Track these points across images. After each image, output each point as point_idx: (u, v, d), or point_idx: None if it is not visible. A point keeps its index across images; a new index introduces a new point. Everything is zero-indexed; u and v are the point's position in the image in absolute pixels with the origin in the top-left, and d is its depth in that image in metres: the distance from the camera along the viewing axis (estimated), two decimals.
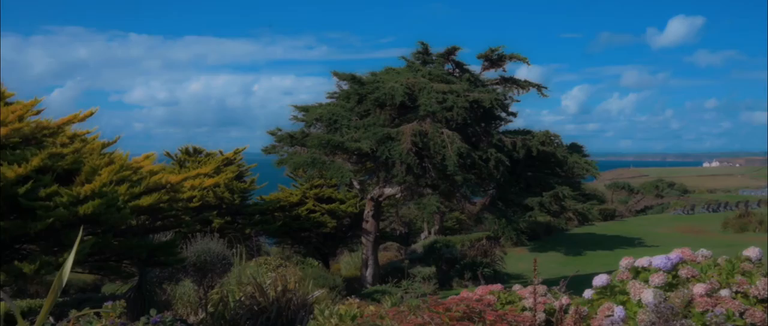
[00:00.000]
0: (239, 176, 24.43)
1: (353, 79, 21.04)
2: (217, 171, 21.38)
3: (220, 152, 24.72)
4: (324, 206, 25.86)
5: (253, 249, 16.25)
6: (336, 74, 21.77)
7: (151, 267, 11.09)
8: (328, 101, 22.87)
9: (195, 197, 18.50)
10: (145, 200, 10.50)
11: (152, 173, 11.03)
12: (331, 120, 20.82)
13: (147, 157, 11.85)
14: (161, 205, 11.25)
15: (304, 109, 22.37)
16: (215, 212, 21.44)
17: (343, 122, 20.65)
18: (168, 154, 24.85)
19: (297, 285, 10.00)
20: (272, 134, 22.14)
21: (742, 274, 5.21)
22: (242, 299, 9.35)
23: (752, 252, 5.41)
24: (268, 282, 9.82)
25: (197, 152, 24.69)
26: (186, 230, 13.68)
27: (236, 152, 24.76)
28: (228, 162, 23.83)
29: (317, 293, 10.23)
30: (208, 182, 14.18)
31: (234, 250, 12.07)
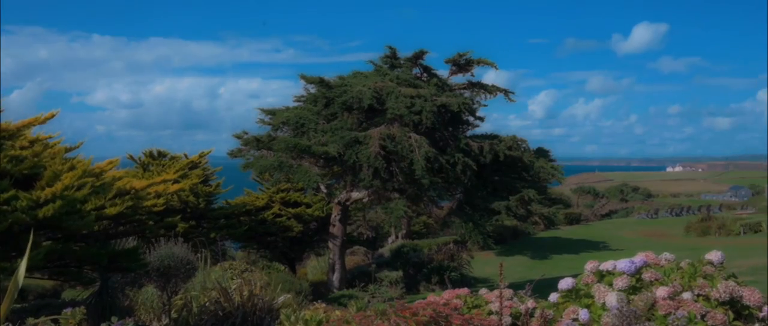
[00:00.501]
0: (204, 180, 24.15)
1: (321, 82, 20.97)
2: (183, 176, 21.12)
3: (185, 156, 24.40)
4: (290, 210, 25.69)
5: (218, 254, 16.07)
6: (303, 78, 21.68)
7: (113, 273, 10.88)
8: (296, 104, 22.76)
9: (159, 201, 18.24)
10: (112, 210, 10.32)
11: (116, 179, 10.83)
12: (298, 124, 20.72)
13: (110, 163, 11.63)
14: (125, 210, 11.05)
15: (271, 112, 22.23)
16: (179, 217, 21.14)
17: (310, 125, 20.57)
18: (131, 157, 24.44)
19: (263, 289, 9.90)
20: (238, 137, 21.96)
21: (704, 277, 5.27)
22: (207, 304, 9.21)
23: (714, 255, 5.48)
24: (234, 287, 9.71)
25: (161, 155, 24.33)
26: (150, 235, 13.47)
27: (201, 156, 24.47)
28: (193, 166, 23.54)
29: (283, 298, 10.13)
30: (174, 187, 14.00)
31: (199, 255, 11.89)
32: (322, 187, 22.31)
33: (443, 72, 23.20)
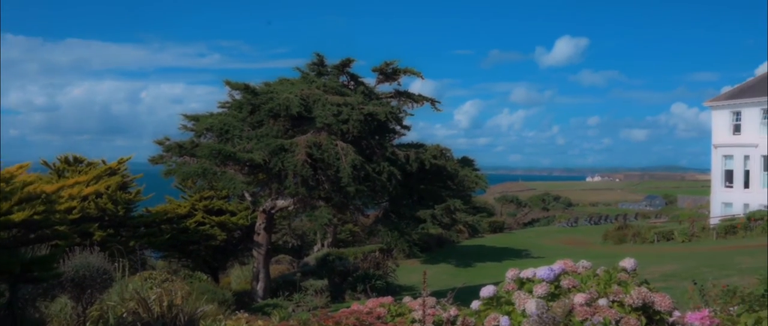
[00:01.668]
0: (124, 187, 23.41)
1: (247, 88, 20.70)
2: (98, 179, 20.41)
3: (103, 162, 23.58)
4: (214, 218, 25.25)
5: (137, 263, 15.59)
6: (229, 83, 21.35)
7: (24, 284, 10.39)
8: (220, 110, 22.38)
9: (74, 208, 17.57)
10: (18, 216, 9.83)
11: (26, 183, 10.34)
12: (223, 130, 20.38)
13: (20, 167, 11.12)
14: (36, 217, 10.56)
15: (195, 118, 21.78)
16: (97, 225, 20.42)
17: (235, 132, 20.26)
18: (45, 163, 23.39)
19: (184, 300, 9.69)
20: (160, 143, 21.41)
21: (619, 284, 5.45)
22: (124, 315, 8.95)
23: (628, 262, 5.67)
24: (153, 297, 9.47)
25: (78, 161, 23.42)
26: (64, 244, 12.93)
27: (121, 162, 23.70)
28: (111, 172, 22.78)
29: (205, 307, 9.94)
30: (88, 190, 13.50)
31: (117, 264, 11.52)
32: (247, 195, 22.01)
33: (370, 80, 23.29)
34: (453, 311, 6.21)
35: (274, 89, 20.91)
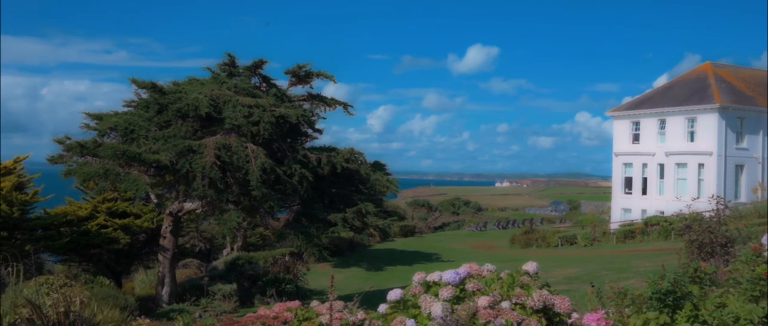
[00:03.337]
0: (20, 187, 22.28)
1: (154, 87, 20.12)
2: None
3: None
4: (117, 220, 24.40)
5: (32, 268, 14.86)
6: (135, 82, 20.69)
7: None
8: (126, 109, 21.65)
9: None
10: None
11: None
12: (128, 130, 19.71)
13: None
14: None
15: (98, 117, 20.96)
16: None
17: (140, 132, 19.63)
18: None
19: (83, 305, 9.31)
20: (60, 142, 20.47)
21: (521, 287, 5.56)
22: (17, 322, 8.47)
23: (530, 266, 5.80)
24: (49, 303, 9.04)
25: None
26: None
27: (17, 161, 22.57)
28: (6, 172, 21.65)
29: (105, 314, 9.58)
30: None
31: (10, 269, 10.97)
32: (153, 197, 21.38)
33: (283, 83, 23.12)
34: (360, 315, 6.20)
35: (183, 89, 20.42)
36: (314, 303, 6.82)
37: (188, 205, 20.75)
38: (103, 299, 13.52)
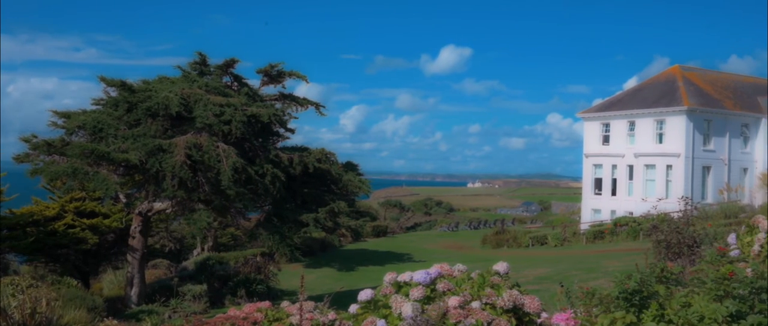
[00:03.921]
0: None
1: (123, 85, 19.87)
2: None
3: None
4: (85, 220, 24.03)
5: None
6: (104, 80, 20.42)
7: None
8: (94, 107, 21.34)
9: None
10: None
11: None
12: (96, 128, 19.44)
13: None
14: None
15: (66, 115, 20.65)
16: None
17: (109, 130, 19.39)
18: None
19: (50, 306, 9.19)
20: (26, 140, 20.15)
21: (492, 287, 5.59)
22: None
23: (500, 266, 5.83)
24: (15, 304, 8.92)
25: None
26: None
27: None
28: None
29: (73, 314, 9.48)
30: None
31: None
32: (122, 196, 21.10)
33: (254, 82, 23.01)
34: (331, 315, 6.18)
35: (153, 87, 20.20)
36: (285, 304, 6.78)
37: (158, 205, 20.54)
38: (70, 300, 13.34)
